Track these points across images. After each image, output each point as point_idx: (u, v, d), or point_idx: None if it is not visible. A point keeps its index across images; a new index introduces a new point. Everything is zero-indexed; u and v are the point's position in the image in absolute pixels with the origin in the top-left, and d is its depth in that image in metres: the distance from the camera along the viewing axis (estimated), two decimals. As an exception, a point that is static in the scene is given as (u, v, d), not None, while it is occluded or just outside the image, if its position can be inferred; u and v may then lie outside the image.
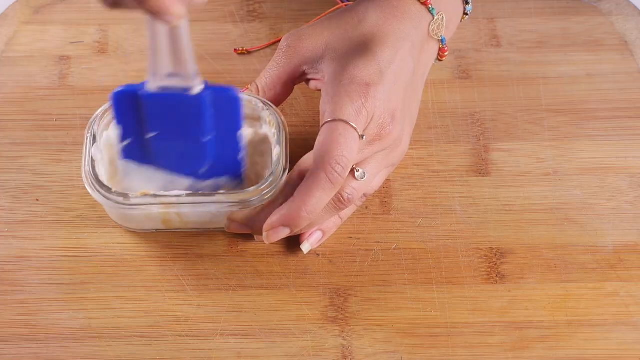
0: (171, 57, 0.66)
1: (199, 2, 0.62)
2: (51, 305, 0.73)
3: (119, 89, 0.70)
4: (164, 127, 0.70)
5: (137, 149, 0.72)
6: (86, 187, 0.73)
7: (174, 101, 0.69)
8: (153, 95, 0.68)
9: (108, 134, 0.75)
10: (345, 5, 0.83)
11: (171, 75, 0.67)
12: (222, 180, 0.74)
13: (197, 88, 0.68)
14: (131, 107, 0.70)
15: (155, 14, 0.61)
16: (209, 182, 0.74)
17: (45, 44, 0.86)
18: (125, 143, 0.72)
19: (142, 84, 0.69)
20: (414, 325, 0.73)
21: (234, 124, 0.71)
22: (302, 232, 0.75)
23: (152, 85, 0.68)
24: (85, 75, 0.84)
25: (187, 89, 0.68)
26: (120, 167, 0.74)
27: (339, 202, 0.72)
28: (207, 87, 0.69)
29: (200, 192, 0.72)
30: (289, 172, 0.73)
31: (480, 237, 0.77)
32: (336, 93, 0.71)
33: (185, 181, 0.73)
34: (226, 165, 0.73)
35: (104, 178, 0.73)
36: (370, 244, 0.76)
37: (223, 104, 0.70)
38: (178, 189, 0.73)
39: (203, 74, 0.69)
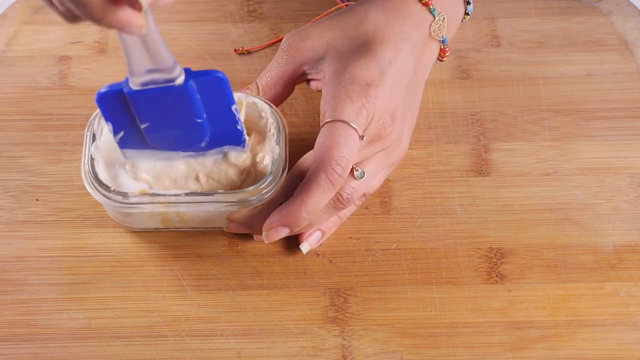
0: (146, 55, 0.65)
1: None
2: (51, 305, 0.73)
3: (103, 90, 0.69)
4: (155, 118, 0.70)
5: (133, 138, 0.72)
6: (85, 186, 0.73)
7: (159, 94, 0.68)
8: (138, 92, 0.68)
9: (107, 133, 0.74)
10: (346, 5, 0.83)
11: (150, 70, 0.66)
12: (225, 147, 0.73)
13: (180, 78, 0.67)
14: (118, 104, 0.69)
15: (117, 29, 0.60)
16: (212, 151, 0.73)
17: (45, 44, 0.86)
18: (119, 136, 0.71)
19: (126, 80, 0.68)
20: (414, 325, 0.73)
21: (226, 100, 0.70)
22: (302, 232, 0.75)
23: (134, 83, 0.67)
24: (85, 75, 0.84)
25: (169, 81, 0.67)
26: (123, 155, 0.73)
27: (338, 202, 0.72)
28: (191, 75, 0.68)
29: (199, 192, 0.72)
30: (288, 172, 0.73)
31: (480, 237, 0.77)
32: (337, 93, 0.71)
33: (189, 154, 0.73)
34: (226, 136, 0.72)
35: (103, 177, 0.73)
36: (370, 244, 0.76)
37: (210, 86, 0.69)
38: (181, 162, 0.73)
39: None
